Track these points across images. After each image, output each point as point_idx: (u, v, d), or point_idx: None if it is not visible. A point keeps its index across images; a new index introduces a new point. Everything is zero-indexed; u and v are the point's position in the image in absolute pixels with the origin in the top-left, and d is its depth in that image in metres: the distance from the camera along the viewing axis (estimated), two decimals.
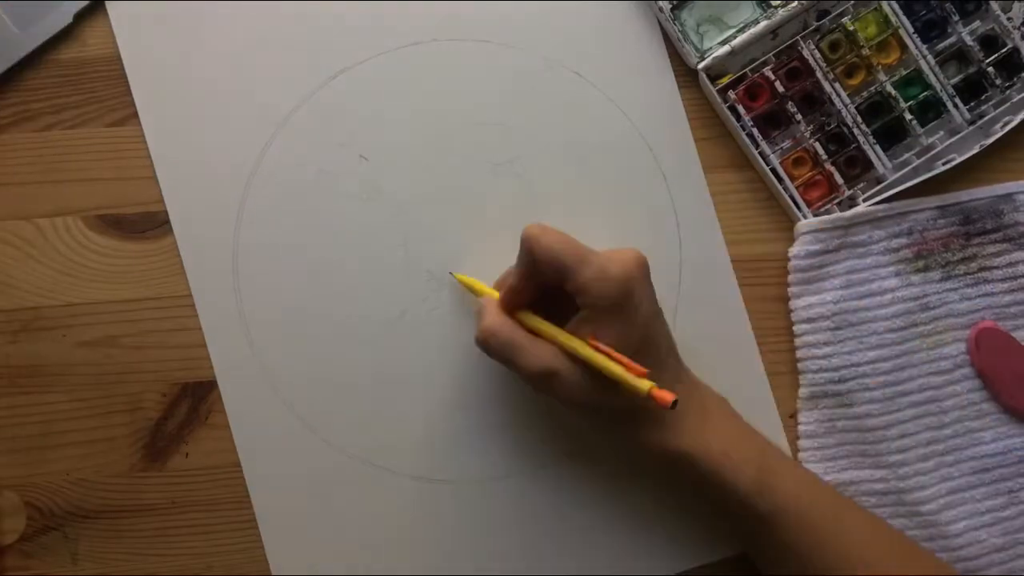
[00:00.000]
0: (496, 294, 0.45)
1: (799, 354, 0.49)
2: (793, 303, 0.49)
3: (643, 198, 0.49)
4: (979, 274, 0.50)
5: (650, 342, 0.42)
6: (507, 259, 0.49)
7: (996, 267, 0.50)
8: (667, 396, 0.38)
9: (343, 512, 0.47)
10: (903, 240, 0.49)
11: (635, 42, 0.50)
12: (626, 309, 0.41)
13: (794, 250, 0.49)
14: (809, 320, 0.49)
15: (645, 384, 0.39)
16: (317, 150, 0.48)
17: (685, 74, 0.50)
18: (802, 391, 0.49)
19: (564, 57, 0.49)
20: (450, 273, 0.48)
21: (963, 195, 0.49)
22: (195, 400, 0.47)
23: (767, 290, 0.50)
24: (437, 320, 0.48)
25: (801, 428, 0.49)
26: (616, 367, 0.39)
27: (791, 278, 0.49)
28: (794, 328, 0.49)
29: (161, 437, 0.47)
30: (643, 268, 0.42)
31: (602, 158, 0.49)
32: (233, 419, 0.47)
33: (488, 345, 0.42)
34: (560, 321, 0.42)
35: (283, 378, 0.47)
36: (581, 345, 0.41)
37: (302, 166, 0.48)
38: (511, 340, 0.42)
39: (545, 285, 0.42)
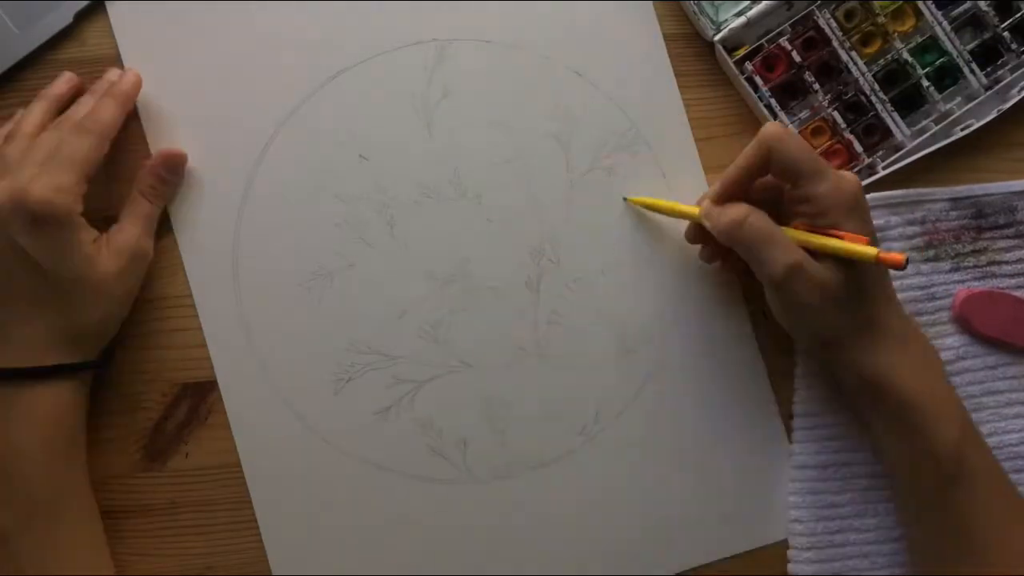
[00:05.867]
0: (692, 209, 0.45)
1: None
2: None
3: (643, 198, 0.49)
4: (988, 268, 0.50)
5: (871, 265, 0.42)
6: (509, 259, 0.49)
7: (1006, 262, 0.50)
8: (897, 256, 0.40)
9: (343, 512, 0.47)
10: (916, 228, 0.49)
11: (635, 42, 0.50)
12: (857, 219, 0.42)
13: None
14: None
15: (872, 250, 0.40)
16: (317, 150, 0.48)
17: (701, 47, 0.50)
18: (798, 369, 0.49)
19: (564, 56, 0.49)
20: (624, 199, 0.49)
21: (977, 189, 0.50)
22: (195, 400, 0.47)
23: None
24: (437, 320, 0.48)
25: (796, 407, 0.49)
26: (838, 241, 0.41)
27: None
28: None
29: (161, 437, 0.47)
30: (863, 194, 0.43)
31: (602, 158, 0.49)
32: (233, 419, 0.47)
33: (741, 232, 0.42)
34: None
35: (283, 378, 0.47)
36: (810, 236, 0.42)
37: (302, 166, 0.48)
38: (767, 229, 0.42)
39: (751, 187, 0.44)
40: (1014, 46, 0.49)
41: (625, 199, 0.49)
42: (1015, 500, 0.44)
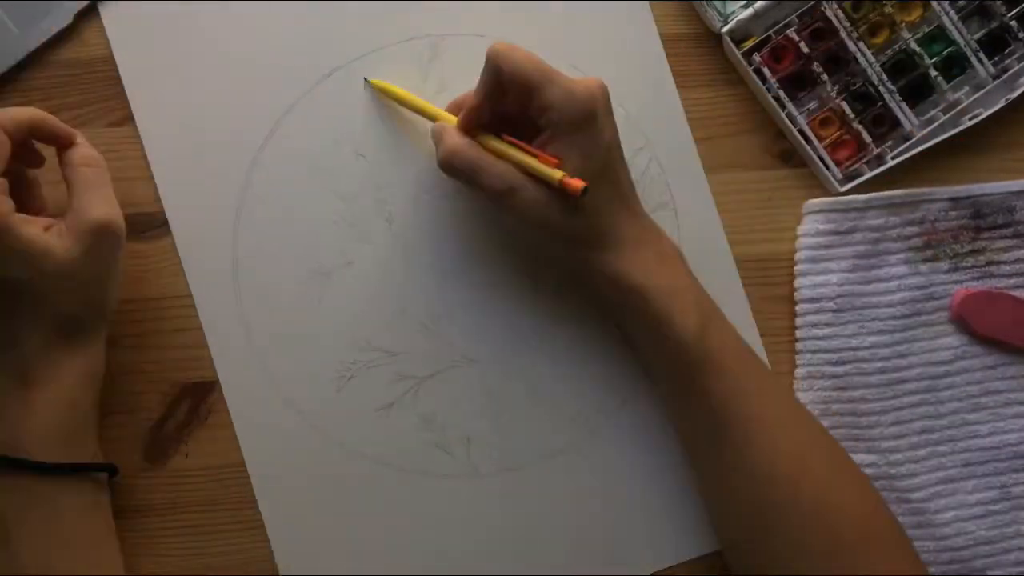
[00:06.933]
0: (449, 117, 0.45)
1: (798, 334, 0.49)
2: (797, 281, 0.49)
3: (643, 198, 0.49)
4: (986, 268, 0.50)
5: (611, 169, 0.43)
6: (510, 254, 0.49)
7: (1004, 262, 0.50)
8: (577, 183, 0.40)
9: (348, 509, 0.47)
10: (915, 228, 0.49)
11: (634, 42, 0.50)
12: (590, 130, 0.42)
13: (803, 228, 0.49)
14: (812, 300, 0.49)
15: (557, 173, 0.40)
16: (313, 148, 0.48)
17: (700, 46, 0.50)
18: (798, 371, 0.49)
19: (563, 56, 0.49)
20: (365, 79, 0.48)
21: (976, 188, 0.50)
22: (195, 400, 0.47)
23: (769, 290, 0.50)
24: (437, 315, 0.48)
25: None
26: (530, 158, 0.41)
27: (799, 256, 0.49)
28: (796, 308, 0.49)
29: (161, 437, 0.47)
30: (606, 94, 0.42)
31: None
32: (236, 419, 0.47)
33: (452, 165, 0.43)
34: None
35: (284, 377, 0.47)
36: (516, 152, 0.42)
37: (299, 164, 0.48)
38: (474, 160, 0.42)
39: (504, 107, 0.43)
40: (1021, 35, 0.49)
41: (366, 80, 0.48)
42: (763, 373, 0.45)
